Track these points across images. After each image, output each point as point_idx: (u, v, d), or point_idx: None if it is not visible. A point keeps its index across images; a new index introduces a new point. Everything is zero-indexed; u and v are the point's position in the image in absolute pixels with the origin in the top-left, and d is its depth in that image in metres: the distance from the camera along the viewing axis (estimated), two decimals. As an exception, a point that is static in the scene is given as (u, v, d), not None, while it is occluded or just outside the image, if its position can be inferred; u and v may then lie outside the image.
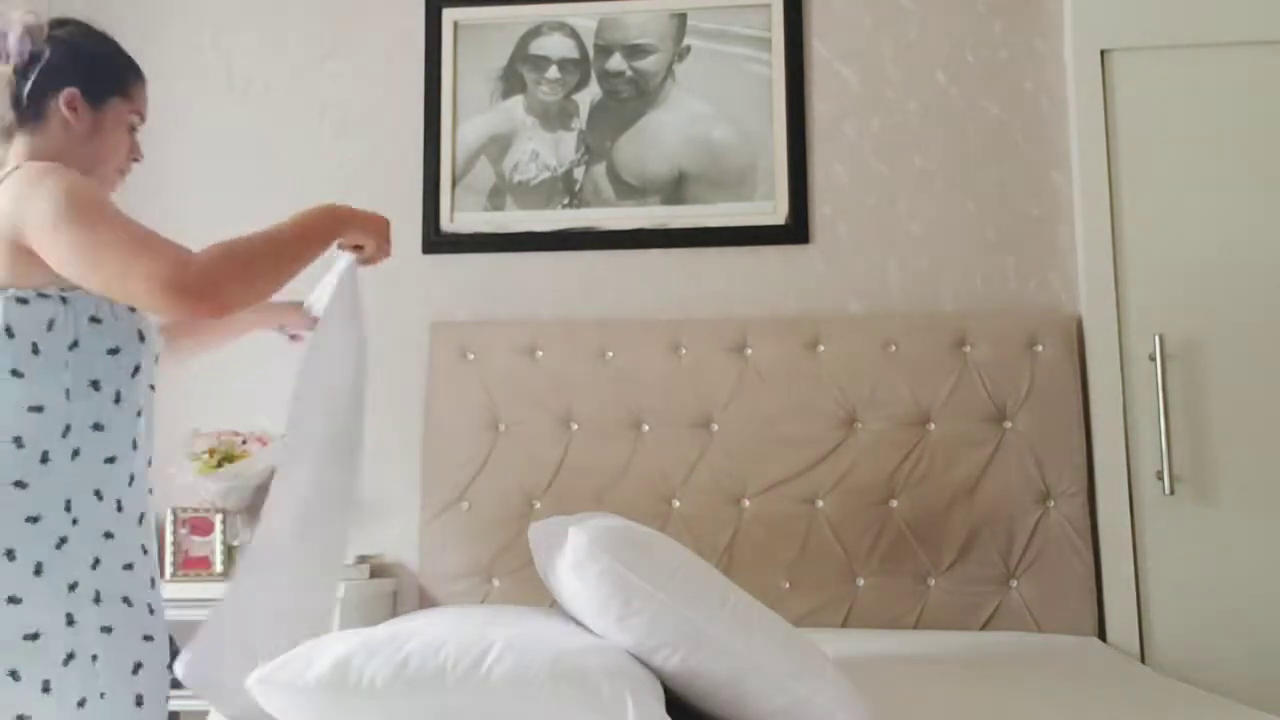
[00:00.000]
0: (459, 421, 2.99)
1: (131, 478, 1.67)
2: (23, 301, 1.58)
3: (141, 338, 1.69)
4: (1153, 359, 2.86)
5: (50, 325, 1.59)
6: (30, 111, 1.69)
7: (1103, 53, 2.99)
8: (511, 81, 3.22)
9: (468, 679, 1.52)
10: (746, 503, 2.90)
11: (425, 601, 2.94)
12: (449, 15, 3.24)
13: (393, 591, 3.02)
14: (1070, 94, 3.02)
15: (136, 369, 1.68)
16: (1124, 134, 2.97)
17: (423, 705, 1.53)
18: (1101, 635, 2.79)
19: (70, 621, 1.55)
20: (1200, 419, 2.86)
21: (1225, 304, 2.89)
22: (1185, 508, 2.83)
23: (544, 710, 1.50)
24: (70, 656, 1.54)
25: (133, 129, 1.81)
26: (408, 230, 3.18)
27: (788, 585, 2.84)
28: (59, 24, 1.75)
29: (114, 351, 1.65)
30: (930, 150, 3.10)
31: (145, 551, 1.70)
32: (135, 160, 1.83)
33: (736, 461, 2.92)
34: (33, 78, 1.68)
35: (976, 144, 3.08)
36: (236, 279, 1.53)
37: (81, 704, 1.55)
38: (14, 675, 1.51)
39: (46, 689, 1.52)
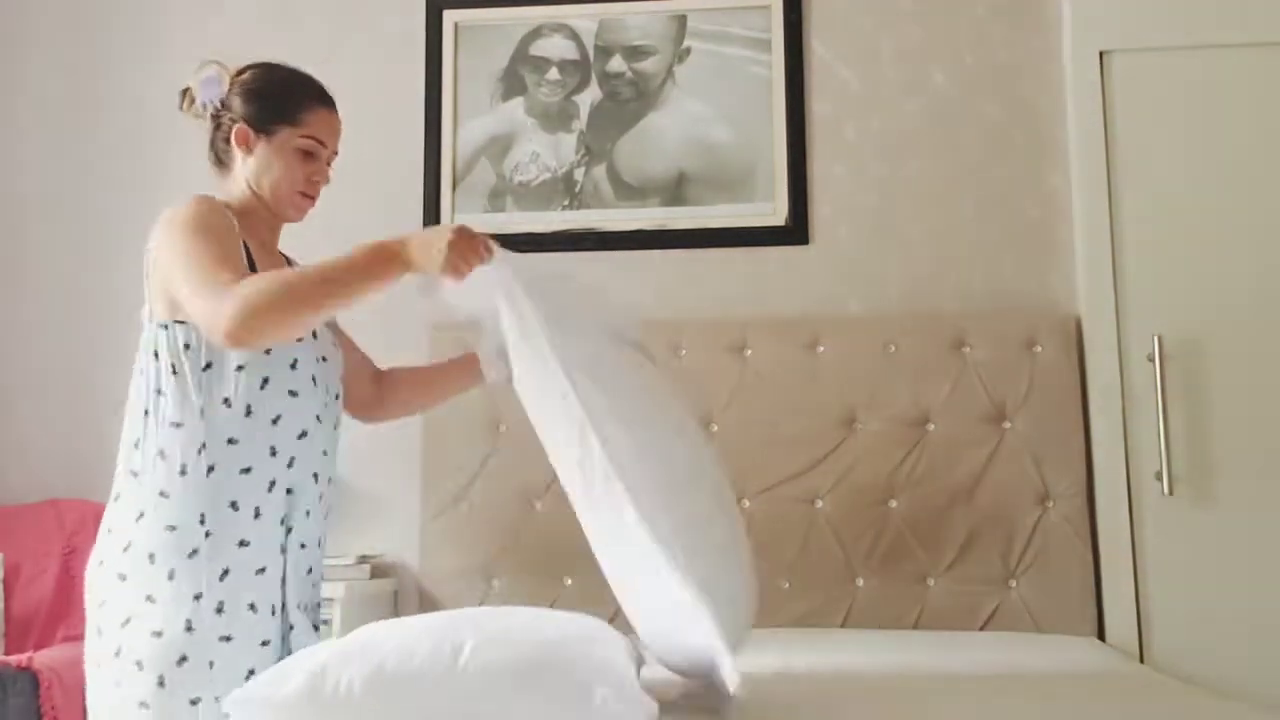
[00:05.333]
0: (459, 421, 2.99)
1: (271, 483, 1.76)
2: (164, 328, 1.73)
3: (268, 350, 1.75)
4: (1151, 359, 2.86)
5: (186, 348, 1.72)
6: (223, 154, 1.87)
7: (1101, 54, 3.00)
8: (512, 83, 3.22)
9: (444, 679, 1.53)
10: (746, 503, 2.90)
11: (425, 601, 2.94)
12: (450, 17, 3.24)
13: (393, 591, 3.02)
14: (1069, 95, 3.03)
15: (265, 381, 1.75)
16: (1123, 135, 2.98)
17: (401, 708, 1.53)
18: (1101, 635, 2.79)
19: (189, 628, 1.68)
20: (1199, 420, 2.86)
21: (1224, 304, 2.90)
22: (1184, 508, 2.83)
23: (521, 706, 1.52)
24: (183, 659, 1.67)
25: (308, 153, 1.87)
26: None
27: (787, 585, 2.84)
28: (241, 71, 1.89)
29: (240, 368, 1.74)
30: (929, 151, 3.10)
31: (283, 551, 1.78)
32: (318, 182, 1.89)
33: (736, 462, 2.90)
34: (221, 124, 1.86)
35: (976, 145, 3.09)
36: (267, 315, 1.57)
37: (195, 702, 1.67)
38: (139, 665, 1.67)
39: (161, 684, 1.66)
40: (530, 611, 1.79)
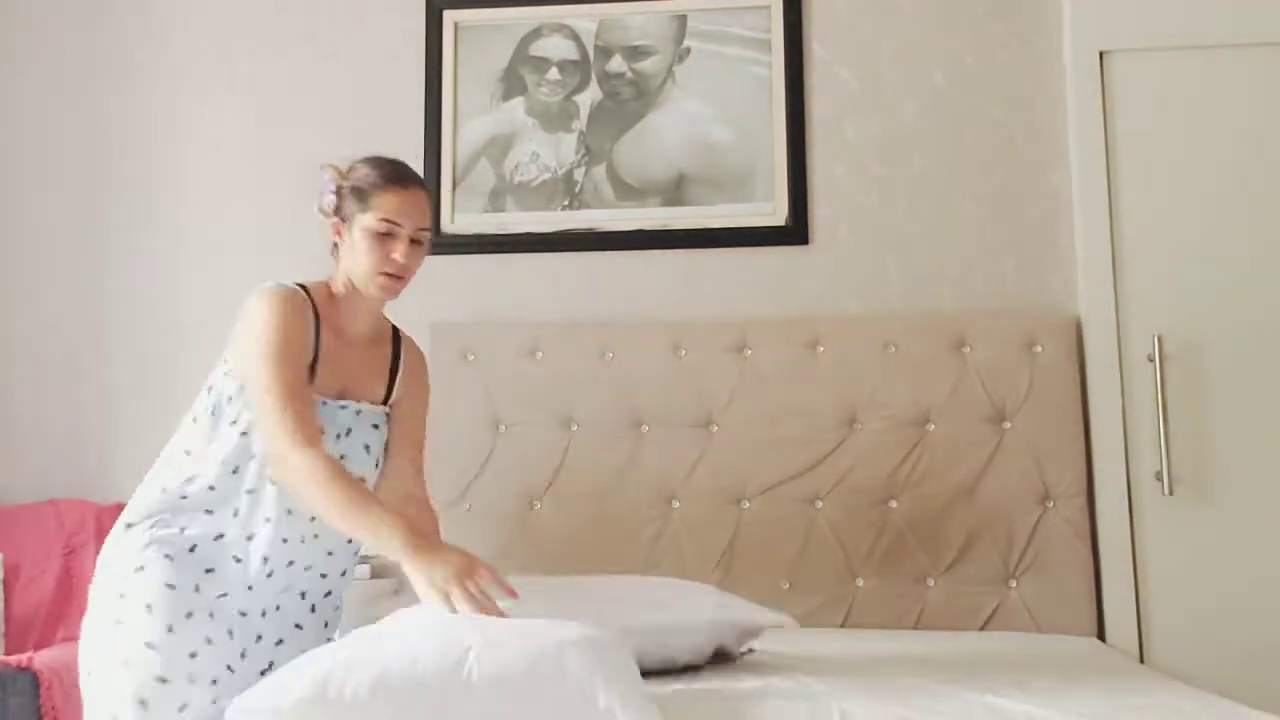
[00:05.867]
0: (459, 422, 2.99)
1: (219, 535, 1.92)
2: (227, 374, 1.97)
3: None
4: (1152, 360, 2.86)
5: (229, 400, 1.95)
6: (335, 247, 2.04)
7: (1101, 54, 3.00)
8: (512, 83, 3.22)
9: (449, 685, 1.53)
10: (746, 503, 2.91)
11: (425, 602, 2.94)
12: (450, 17, 3.24)
13: (393, 591, 3.02)
14: (1069, 95, 3.03)
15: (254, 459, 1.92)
16: (1122, 135, 2.98)
17: (406, 712, 1.53)
18: (1101, 636, 2.79)
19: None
20: (1199, 420, 2.86)
21: (1224, 305, 2.89)
22: (1184, 508, 2.83)
23: (525, 713, 1.53)
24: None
25: (386, 234, 1.96)
26: (408, 231, 3.18)
27: (788, 586, 2.85)
28: (351, 169, 2.02)
29: (246, 433, 1.92)
30: (929, 151, 3.10)
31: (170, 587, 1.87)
32: (397, 260, 1.98)
33: (736, 462, 2.92)
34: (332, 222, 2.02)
35: (975, 145, 3.09)
36: (304, 493, 1.82)
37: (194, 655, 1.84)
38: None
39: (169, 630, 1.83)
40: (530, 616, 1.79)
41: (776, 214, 3.10)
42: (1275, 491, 2.83)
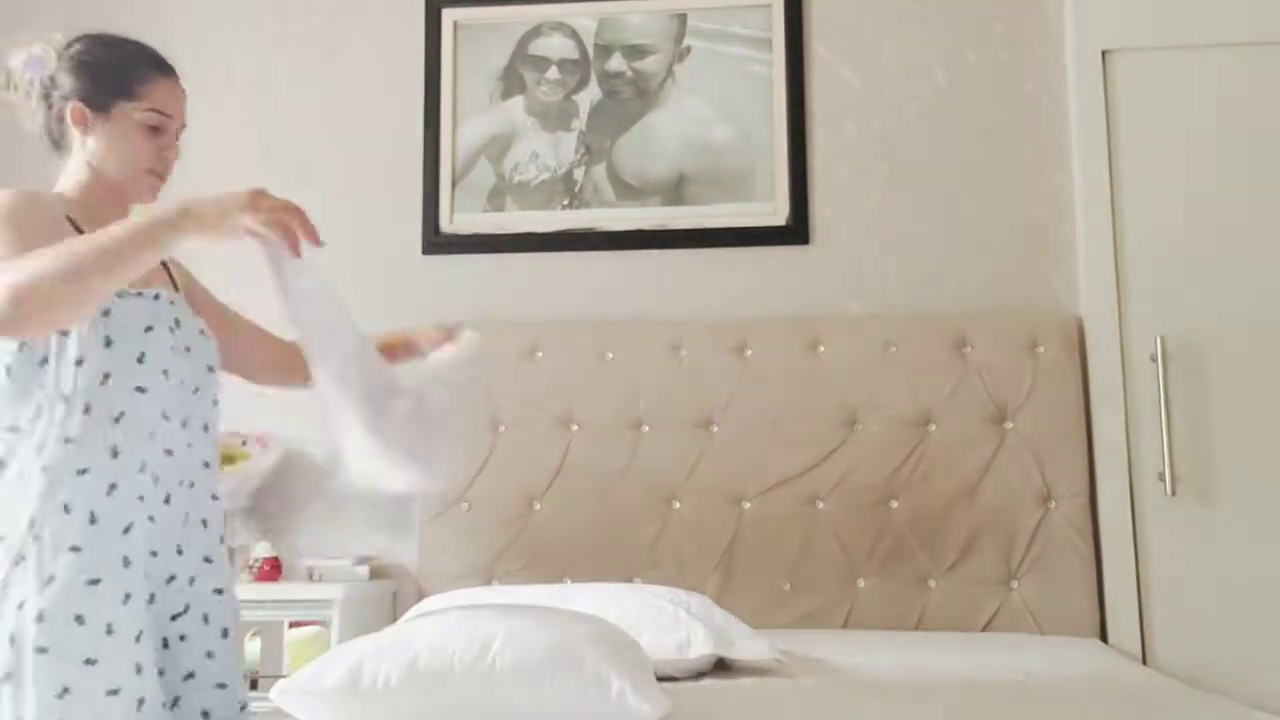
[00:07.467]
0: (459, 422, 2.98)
1: (111, 487, 1.54)
2: None
3: (108, 343, 1.56)
4: (1154, 360, 2.85)
5: (20, 346, 1.53)
6: (59, 137, 1.72)
7: (1103, 53, 2.99)
8: (511, 82, 3.22)
9: (473, 672, 1.67)
10: (747, 504, 2.90)
11: (425, 603, 2.94)
12: (449, 15, 3.23)
13: (393, 592, 3.02)
14: (1071, 95, 3.02)
15: (105, 376, 1.55)
16: (1125, 134, 2.97)
17: (434, 699, 1.67)
18: (1103, 637, 2.78)
19: (12, 641, 1.44)
20: (1201, 420, 2.85)
21: (1226, 305, 2.88)
22: (1186, 509, 2.82)
23: (544, 697, 1.66)
24: (8, 675, 1.43)
25: (155, 128, 1.70)
26: (407, 231, 3.18)
27: (788, 586, 2.84)
28: (69, 44, 1.75)
29: (79, 362, 1.54)
30: (931, 151, 3.09)
31: (127, 564, 1.53)
32: (169, 159, 1.73)
33: (737, 462, 2.91)
34: (51, 104, 1.71)
35: (977, 144, 3.08)
36: (33, 300, 1.37)
37: None
38: None
39: None
40: (549, 609, 1.92)
41: (777, 214, 3.09)
42: (1277, 492, 2.81)
